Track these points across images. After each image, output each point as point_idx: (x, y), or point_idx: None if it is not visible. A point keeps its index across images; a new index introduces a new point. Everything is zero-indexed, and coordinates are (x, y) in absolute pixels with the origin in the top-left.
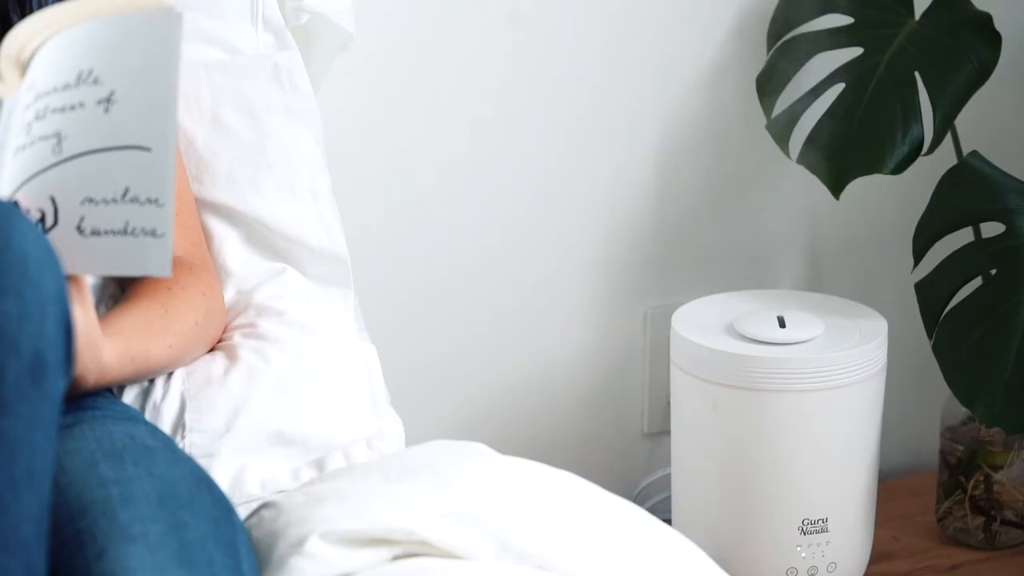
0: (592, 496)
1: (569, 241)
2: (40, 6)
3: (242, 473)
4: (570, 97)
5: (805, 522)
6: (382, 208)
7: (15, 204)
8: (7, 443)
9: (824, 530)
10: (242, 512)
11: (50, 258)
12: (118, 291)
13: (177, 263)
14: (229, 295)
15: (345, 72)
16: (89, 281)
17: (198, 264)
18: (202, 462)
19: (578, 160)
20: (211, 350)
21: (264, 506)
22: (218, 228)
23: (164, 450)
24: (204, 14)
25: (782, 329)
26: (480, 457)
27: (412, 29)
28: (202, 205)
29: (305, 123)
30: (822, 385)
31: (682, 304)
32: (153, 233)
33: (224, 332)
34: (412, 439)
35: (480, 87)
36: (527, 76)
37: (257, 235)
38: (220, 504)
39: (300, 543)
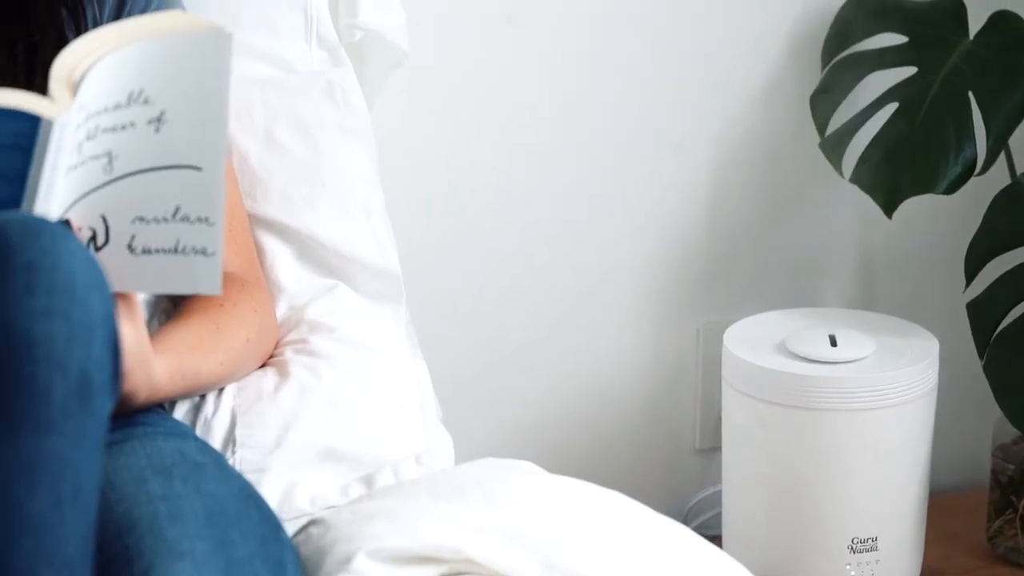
0: (639, 516)
1: (621, 257)
2: (95, 25)
3: (292, 489)
4: (622, 113)
5: (855, 540)
6: (434, 223)
7: (65, 224)
8: (53, 463)
9: (874, 548)
10: (291, 528)
11: (98, 279)
12: (170, 306)
13: (229, 279)
14: (281, 311)
15: (398, 89)
16: (141, 297)
17: (250, 280)
18: (252, 477)
19: (631, 176)
20: (263, 366)
21: (312, 523)
22: (271, 244)
23: (213, 467)
24: (258, 31)
25: (833, 348)
26: (527, 476)
27: (464, 46)
28: (255, 221)
29: (358, 140)
30: (873, 404)
31: (734, 320)
32: (203, 252)
33: (276, 348)
34: (462, 455)
35: (531, 103)
36: (579, 91)
37: (310, 251)
38: (268, 522)
39: (347, 560)
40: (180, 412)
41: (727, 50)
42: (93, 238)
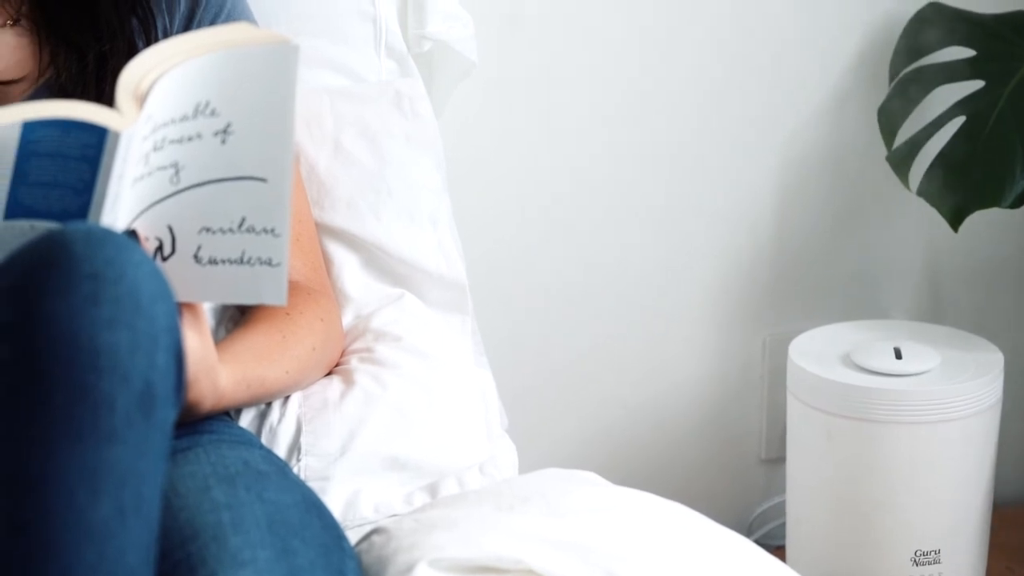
0: (702, 529)
1: (688, 267)
2: (165, 34)
3: (356, 497)
4: (690, 123)
5: (918, 553)
6: (500, 233)
7: (131, 235)
8: (116, 472)
9: (937, 561)
10: (354, 536)
11: (163, 289)
12: (237, 314)
13: (296, 288)
14: (347, 320)
15: (466, 99)
16: (207, 305)
17: (317, 289)
18: (317, 485)
19: (697, 186)
20: (328, 374)
21: (375, 531)
22: (338, 253)
23: (277, 475)
24: (328, 41)
25: (898, 360)
26: (590, 487)
27: (530, 56)
28: (322, 230)
29: (426, 150)
30: (937, 417)
31: (800, 331)
32: (269, 262)
33: (342, 356)
34: (526, 464)
35: (598, 113)
36: (645, 101)
37: (376, 260)
38: (331, 531)
39: (409, 570)
40: (246, 420)
41: (795, 62)
42: (160, 248)
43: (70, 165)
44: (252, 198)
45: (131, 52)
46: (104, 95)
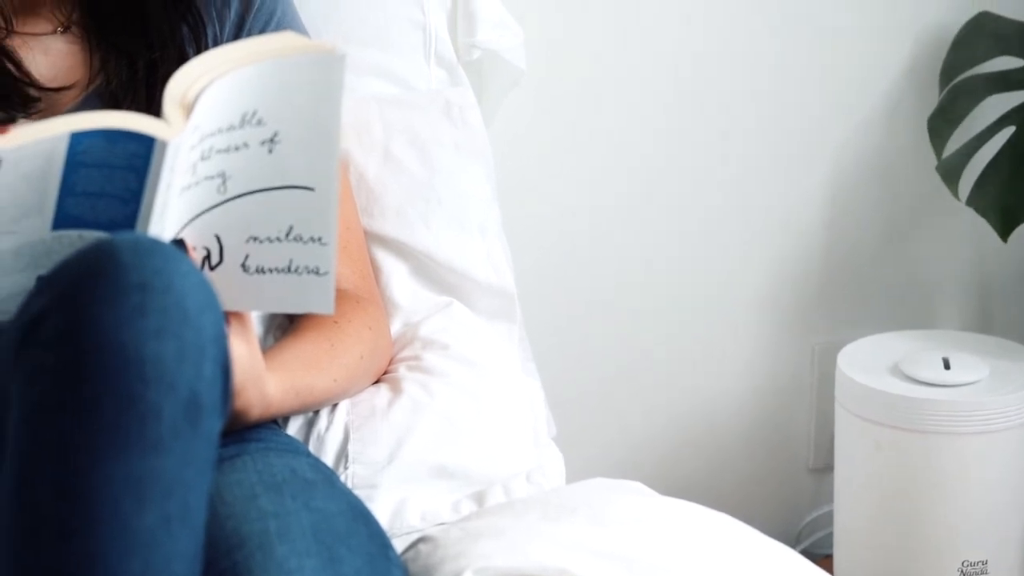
0: (748, 540)
1: (737, 275)
2: (215, 41)
3: (403, 505)
4: (740, 131)
5: (965, 563)
6: (549, 242)
7: (179, 244)
8: (162, 481)
9: (984, 572)
10: (400, 544)
11: (210, 299)
12: (285, 321)
13: (345, 296)
14: (396, 327)
15: (516, 107)
16: (255, 313)
17: (365, 297)
18: (364, 493)
19: (747, 194)
20: (376, 382)
21: (421, 540)
22: (387, 261)
23: (324, 484)
24: (377, 49)
25: (947, 371)
26: (636, 497)
27: (580, 65)
28: (371, 238)
29: (475, 158)
30: (985, 428)
31: (848, 340)
32: (316, 271)
33: (390, 364)
34: (573, 472)
35: (648, 122)
36: (695, 110)
37: (425, 269)
38: (377, 539)
39: None
40: (294, 427)
41: (845, 72)
42: (207, 257)
43: (117, 175)
44: (299, 207)
45: (181, 59)
46: (154, 103)
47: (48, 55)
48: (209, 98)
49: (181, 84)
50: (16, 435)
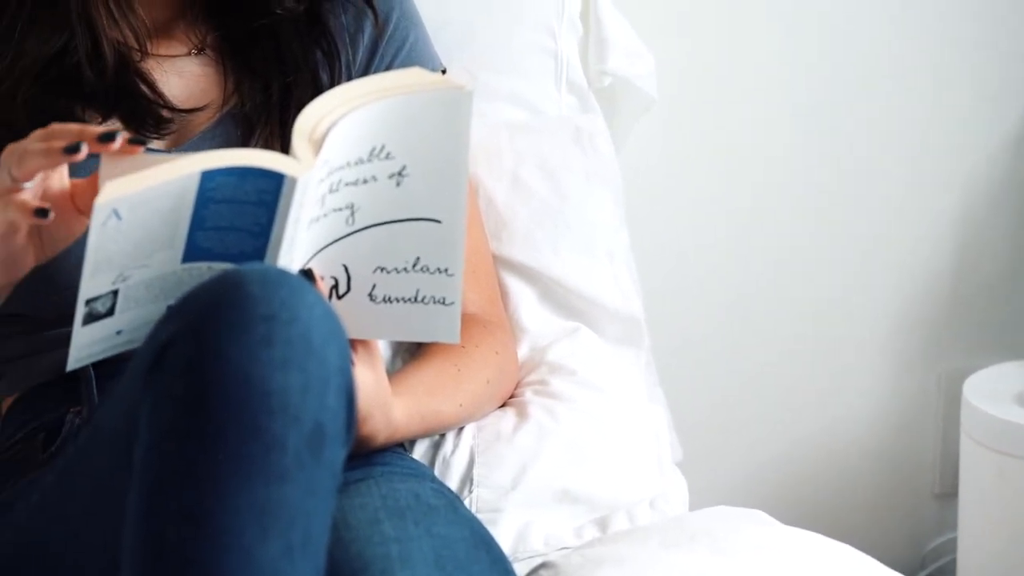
0: (870, 573)
1: (863, 302)
2: (348, 67)
3: (526, 529)
4: (867, 156)
5: None
6: (676, 267)
7: (306, 275)
8: (285, 511)
9: None
10: (522, 569)
11: (335, 331)
12: (413, 344)
13: (472, 320)
14: (523, 352)
15: (645, 132)
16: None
17: (493, 322)
18: (488, 517)
19: (875, 220)
20: (502, 406)
21: (542, 566)
22: (515, 286)
23: (446, 509)
24: (509, 75)
25: None
26: (757, 526)
27: (709, 91)
28: (500, 262)
29: (604, 185)
30: None
31: (974, 367)
32: (443, 301)
33: (516, 388)
34: (695, 495)
35: (773, 148)
36: (821, 136)
37: (553, 294)
38: (498, 566)
39: None
40: (420, 450)
41: (976, 96)
42: (335, 287)
43: (247, 210)
44: (426, 239)
45: (315, 83)
46: (287, 126)
47: (182, 77)
48: (339, 133)
49: (310, 120)
50: (143, 461)
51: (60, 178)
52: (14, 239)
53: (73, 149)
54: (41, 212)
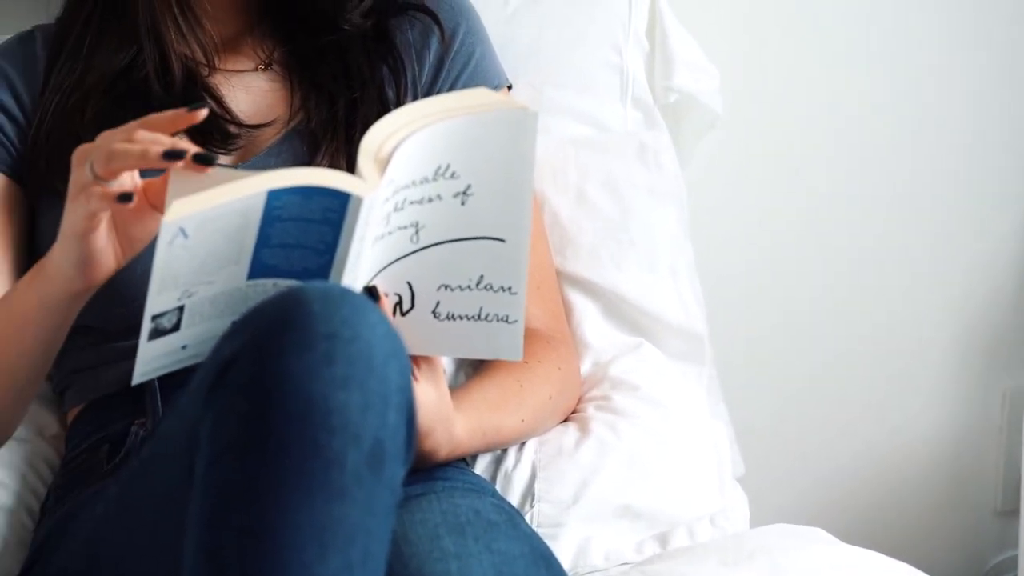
0: None
1: (926, 317)
2: (414, 83)
3: (587, 544)
4: (931, 172)
5: None
6: (740, 282)
7: (370, 292)
8: (345, 528)
9: None
10: None
11: (396, 349)
12: (476, 359)
13: (535, 336)
14: (586, 367)
15: (710, 148)
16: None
17: (556, 337)
18: (549, 532)
19: (939, 235)
20: (564, 420)
21: None
22: (579, 301)
23: (507, 525)
24: (574, 91)
25: None
26: (816, 545)
27: (774, 108)
28: (564, 278)
29: (669, 201)
30: None
31: None
32: (506, 319)
33: (579, 403)
34: (756, 509)
35: (838, 163)
36: (886, 151)
37: (616, 309)
38: None
39: None
40: (481, 465)
41: None
42: (399, 303)
43: (312, 228)
44: (490, 257)
45: (381, 99)
46: (353, 142)
47: (249, 92)
48: (404, 153)
49: (376, 139)
50: (204, 475)
51: (132, 176)
52: (95, 236)
53: (174, 155)
54: (125, 196)
